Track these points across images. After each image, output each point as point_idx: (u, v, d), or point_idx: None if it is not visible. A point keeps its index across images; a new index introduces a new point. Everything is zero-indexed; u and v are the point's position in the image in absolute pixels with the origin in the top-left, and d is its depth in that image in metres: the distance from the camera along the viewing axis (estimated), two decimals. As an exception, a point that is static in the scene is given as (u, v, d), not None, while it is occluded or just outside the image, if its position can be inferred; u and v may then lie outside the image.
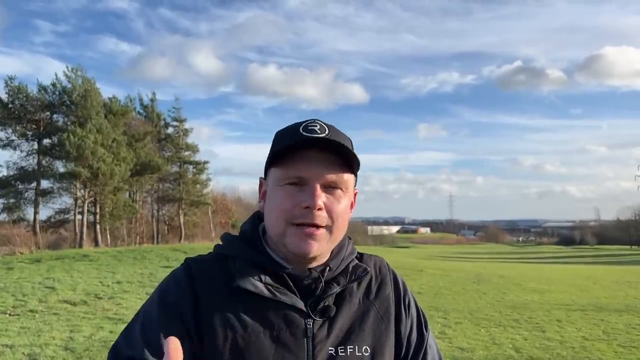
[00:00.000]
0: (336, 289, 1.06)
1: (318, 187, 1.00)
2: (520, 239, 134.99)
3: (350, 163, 1.04)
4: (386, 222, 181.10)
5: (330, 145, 1.01)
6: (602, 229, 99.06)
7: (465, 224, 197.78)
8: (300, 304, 1.02)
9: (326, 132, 1.03)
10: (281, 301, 1.01)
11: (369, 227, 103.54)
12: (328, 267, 1.06)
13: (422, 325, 1.17)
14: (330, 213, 1.02)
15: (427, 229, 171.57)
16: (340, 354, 1.01)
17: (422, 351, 1.15)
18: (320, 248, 1.02)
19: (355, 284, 1.10)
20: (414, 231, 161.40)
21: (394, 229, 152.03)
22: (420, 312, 1.19)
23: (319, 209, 1.00)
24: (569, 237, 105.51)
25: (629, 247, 72.17)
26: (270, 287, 1.01)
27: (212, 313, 0.99)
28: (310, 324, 1.02)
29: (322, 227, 1.01)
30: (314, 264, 1.06)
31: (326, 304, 1.04)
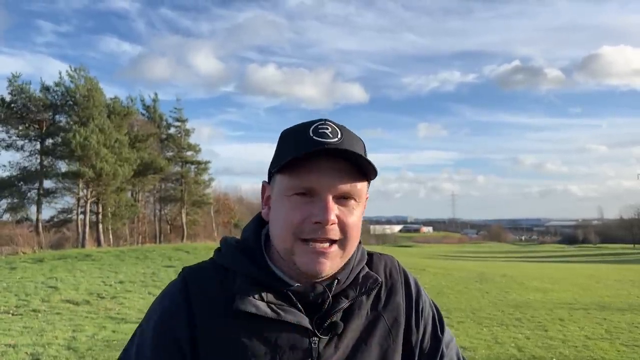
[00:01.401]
0: (345, 303, 0.98)
1: (330, 199, 0.92)
2: (523, 238, 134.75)
3: (365, 171, 0.95)
4: (388, 221, 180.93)
5: (344, 153, 0.92)
6: (605, 227, 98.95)
7: (468, 223, 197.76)
8: (306, 322, 0.94)
9: (339, 136, 0.94)
10: (285, 321, 0.94)
11: (372, 227, 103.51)
12: (336, 280, 0.98)
13: (437, 329, 1.10)
14: (342, 226, 0.93)
15: (430, 228, 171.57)
16: None
17: (438, 355, 1.08)
18: (333, 266, 0.95)
19: (364, 296, 1.02)
20: (417, 230, 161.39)
21: (397, 228, 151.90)
22: (436, 315, 1.11)
23: (332, 224, 0.92)
24: (572, 236, 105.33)
25: (632, 245, 71.93)
26: (273, 306, 0.94)
27: (210, 336, 0.94)
28: (315, 343, 0.95)
29: (334, 242, 0.93)
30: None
31: (333, 320, 0.96)
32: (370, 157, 0.98)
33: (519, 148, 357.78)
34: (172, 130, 41.06)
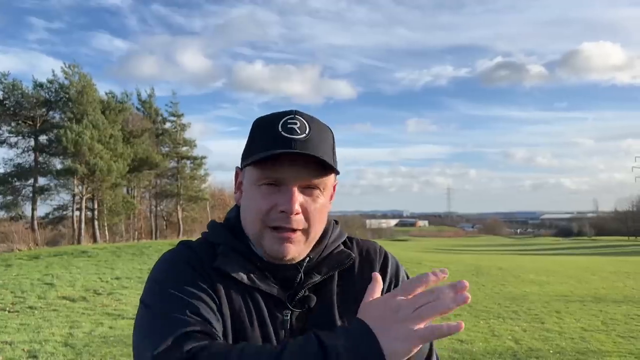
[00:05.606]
0: (317, 278, 1.03)
1: (295, 190, 0.98)
2: (518, 231, 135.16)
3: (329, 166, 1.00)
4: (384, 216, 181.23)
5: (309, 156, 0.97)
6: (600, 220, 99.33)
7: (464, 216, 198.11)
8: (278, 294, 1.00)
9: (306, 132, 0.99)
10: (260, 289, 0.99)
11: (367, 221, 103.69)
12: (308, 258, 1.04)
13: None
14: (306, 215, 0.99)
15: (425, 222, 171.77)
16: None
17: None
18: (297, 250, 1.00)
19: (337, 272, 1.06)
20: (412, 224, 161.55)
21: (392, 222, 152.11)
22: None
23: (296, 214, 0.98)
24: (567, 228, 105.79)
25: (626, 238, 72.40)
26: (250, 275, 1.00)
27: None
28: (287, 315, 1.00)
29: (299, 230, 0.99)
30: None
31: (305, 294, 1.02)
32: (363, 151, 1.01)
33: (510, 141, 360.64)
34: (167, 125, 40.81)
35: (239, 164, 1.09)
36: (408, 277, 1.13)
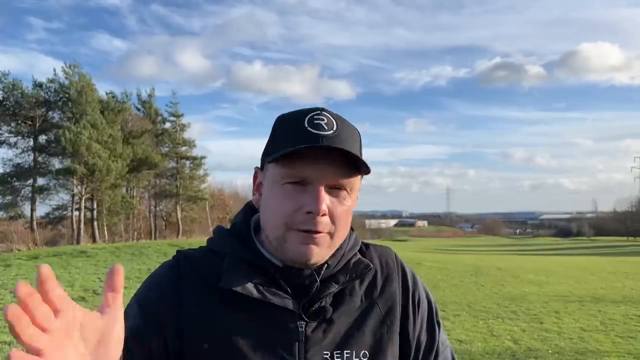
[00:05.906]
0: (333, 288, 0.97)
1: (322, 190, 0.91)
2: (517, 231, 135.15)
3: (358, 165, 0.94)
4: (384, 216, 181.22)
5: (339, 150, 0.91)
6: (599, 220, 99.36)
7: (463, 217, 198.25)
8: (291, 305, 0.94)
9: (334, 128, 0.93)
10: (271, 302, 0.93)
11: (367, 221, 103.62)
12: (326, 265, 0.98)
13: (433, 323, 1.07)
14: (332, 217, 0.93)
15: (425, 222, 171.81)
16: (336, 359, 0.94)
17: (433, 353, 1.05)
18: (321, 253, 0.94)
19: (357, 282, 1.01)
20: (412, 224, 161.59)
21: (392, 222, 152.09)
22: (433, 309, 1.09)
23: (323, 215, 0.91)
24: (566, 228, 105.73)
25: (625, 238, 72.41)
26: (259, 287, 0.93)
27: (195, 318, 0.93)
28: (302, 327, 0.94)
29: (324, 232, 0.93)
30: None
31: (322, 305, 0.95)
32: (363, 152, 0.99)
33: (509, 142, 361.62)
34: (167, 125, 40.77)
35: (239, 164, 1.06)
36: (425, 289, 1.11)
